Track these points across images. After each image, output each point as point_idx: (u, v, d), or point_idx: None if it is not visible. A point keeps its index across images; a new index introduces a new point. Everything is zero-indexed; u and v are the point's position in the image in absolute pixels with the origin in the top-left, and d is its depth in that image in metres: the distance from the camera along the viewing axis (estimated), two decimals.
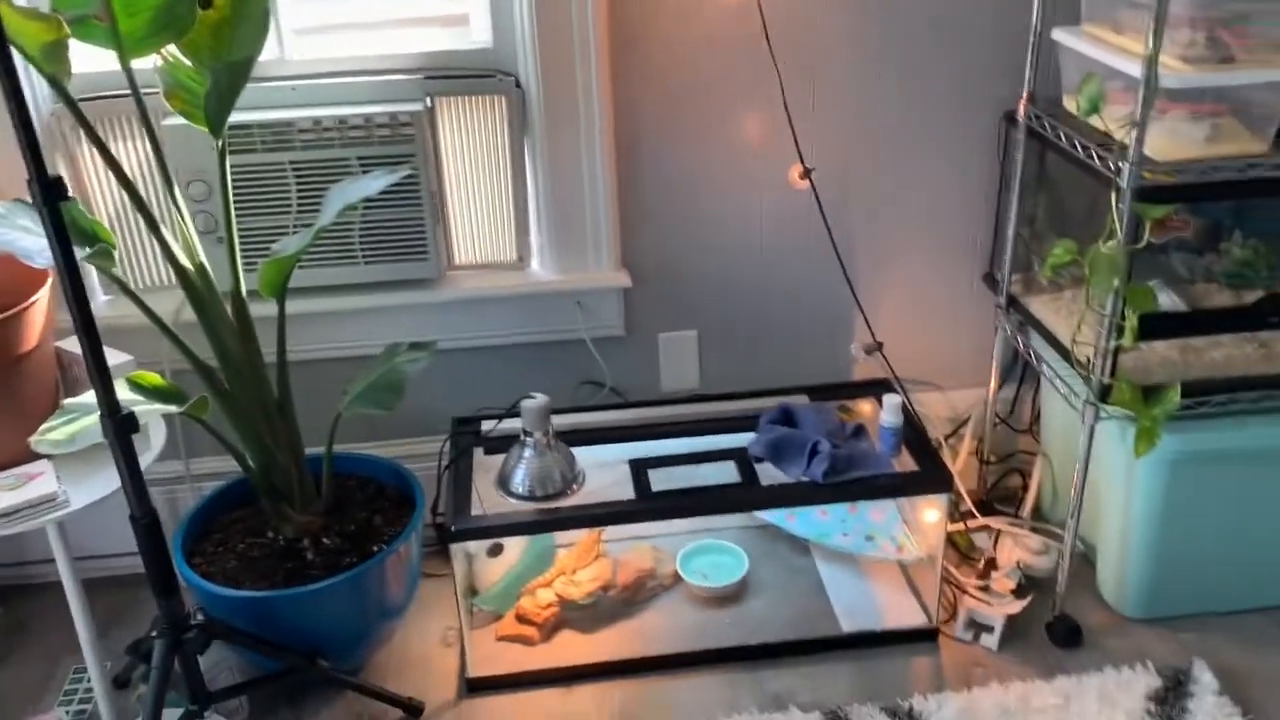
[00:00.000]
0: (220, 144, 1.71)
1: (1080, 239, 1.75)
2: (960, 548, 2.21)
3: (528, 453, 1.92)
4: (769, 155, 2.11)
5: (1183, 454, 1.84)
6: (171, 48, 1.65)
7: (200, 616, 1.69)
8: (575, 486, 1.95)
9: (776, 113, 2.06)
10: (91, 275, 2.07)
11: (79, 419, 1.58)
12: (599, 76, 1.98)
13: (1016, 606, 2.00)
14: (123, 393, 1.62)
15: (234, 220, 1.77)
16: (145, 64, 1.65)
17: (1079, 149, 1.78)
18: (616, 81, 2.02)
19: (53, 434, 1.56)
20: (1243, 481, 1.90)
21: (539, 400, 1.89)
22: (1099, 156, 1.71)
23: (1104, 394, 1.79)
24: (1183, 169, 1.65)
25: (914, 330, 2.31)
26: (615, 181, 2.08)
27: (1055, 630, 2.00)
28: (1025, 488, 2.31)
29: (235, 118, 1.90)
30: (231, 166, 1.93)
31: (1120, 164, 1.63)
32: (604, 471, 2.00)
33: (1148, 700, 1.85)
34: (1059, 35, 1.89)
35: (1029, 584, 2.08)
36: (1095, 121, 1.69)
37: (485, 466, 2.02)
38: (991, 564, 2.12)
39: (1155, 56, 1.53)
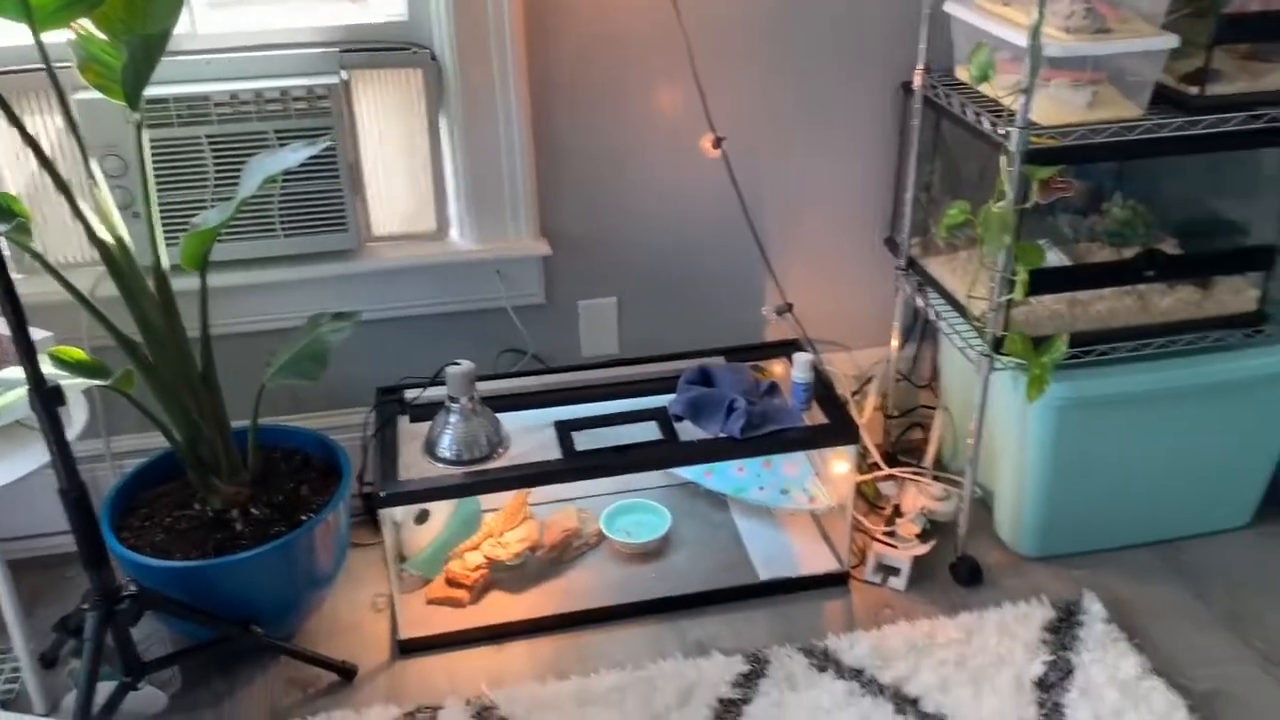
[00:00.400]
0: (138, 118, 1.71)
1: (974, 201, 1.86)
2: (869, 498, 2.33)
3: (454, 418, 1.97)
4: (682, 125, 2.18)
5: (1069, 400, 1.97)
6: (85, 21, 1.65)
7: (133, 588, 1.71)
8: (501, 450, 2.01)
9: (689, 84, 2.13)
10: (2, 248, 2.05)
11: (3, 394, 1.59)
12: (514, 48, 2.03)
13: (921, 549, 2.13)
14: (45, 368, 1.62)
15: (153, 193, 1.77)
16: (59, 37, 1.65)
17: (971, 116, 1.89)
18: (531, 53, 2.07)
19: None
20: (1125, 424, 2.04)
21: (464, 366, 1.94)
22: (990, 123, 1.82)
23: (997, 346, 1.91)
24: (1066, 133, 1.77)
25: (821, 293, 2.41)
26: (532, 152, 2.13)
27: (958, 570, 2.13)
28: (927, 440, 2.44)
29: (150, 91, 1.89)
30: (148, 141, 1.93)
31: (1009, 129, 1.74)
32: (530, 435, 2.06)
33: (1043, 631, 1.99)
34: (950, 8, 1.99)
35: (933, 529, 2.21)
36: (985, 89, 1.80)
37: (411, 434, 2.07)
38: (897, 511, 2.24)
39: (1039, 27, 1.64)
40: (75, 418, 1.89)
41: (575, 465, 1.95)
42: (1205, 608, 2.07)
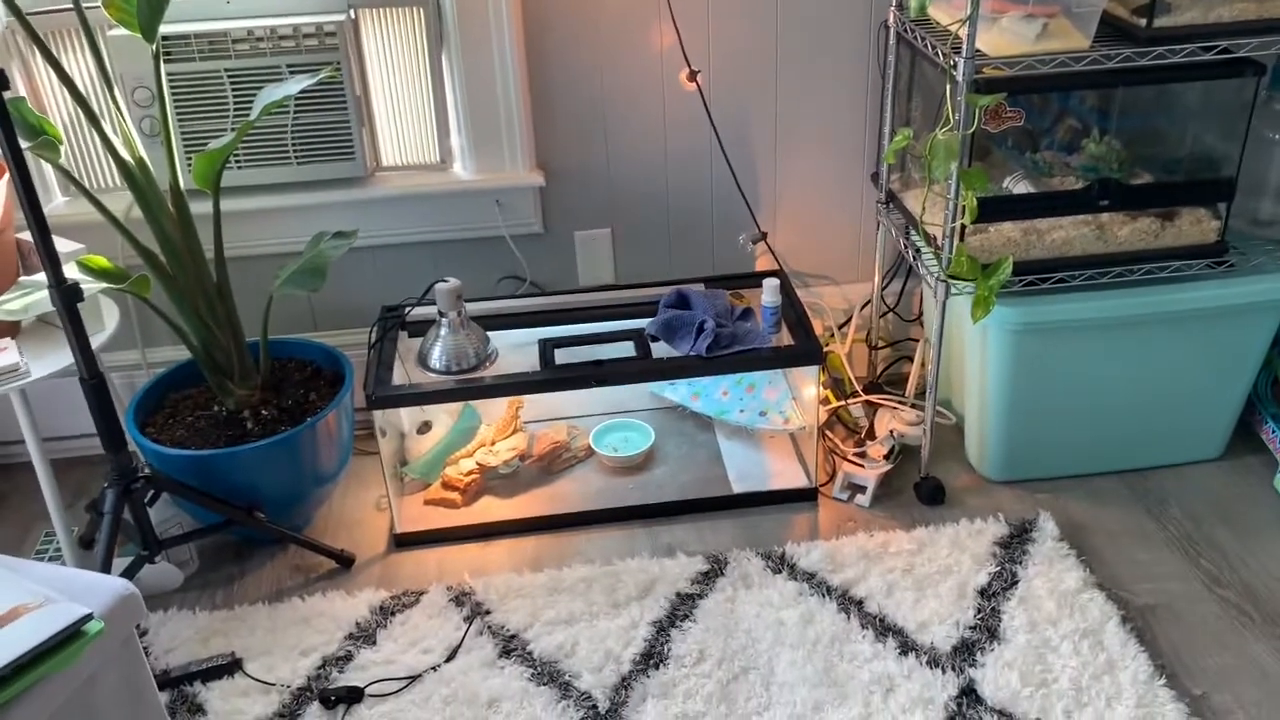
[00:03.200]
0: (155, 49, 1.90)
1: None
2: (847, 423, 2.44)
3: (443, 332, 2.14)
4: (668, 61, 2.30)
5: (1025, 325, 2.05)
6: None
7: (147, 470, 1.92)
8: (489, 363, 2.17)
9: (671, 21, 2.25)
10: (50, 178, 2.28)
11: (32, 292, 1.80)
12: None
13: (885, 468, 2.23)
14: (73, 273, 1.83)
15: (171, 121, 1.96)
16: None
17: (930, 49, 1.97)
18: None
19: (8, 304, 1.78)
20: (1085, 351, 2.11)
21: (450, 283, 2.11)
22: (943, 54, 1.90)
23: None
24: (1012, 63, 1.84)
25: (810, 227, 2.51)
26: (527, 87, 2.27)
27: (921, 489, 2.24)
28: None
29: (174, 28, 2.10)
30: (172, 74, 2.13)
31: (956, 59, 1.83)
32: (518, 352, 2.22)
33: (994, 545, 2.09)
34: None
35: (904, 452, 2.31)
36: (940, 18, 1.88)
37: (410, 349, 2.24)
38: (870, 434, 2.34)
39: None
40: (106, 322, 2.12)
41: (550, 377, 2.10)
42: (1159, 529, 2.14)
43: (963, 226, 1.95)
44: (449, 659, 1.89)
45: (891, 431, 2.30)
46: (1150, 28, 1.85)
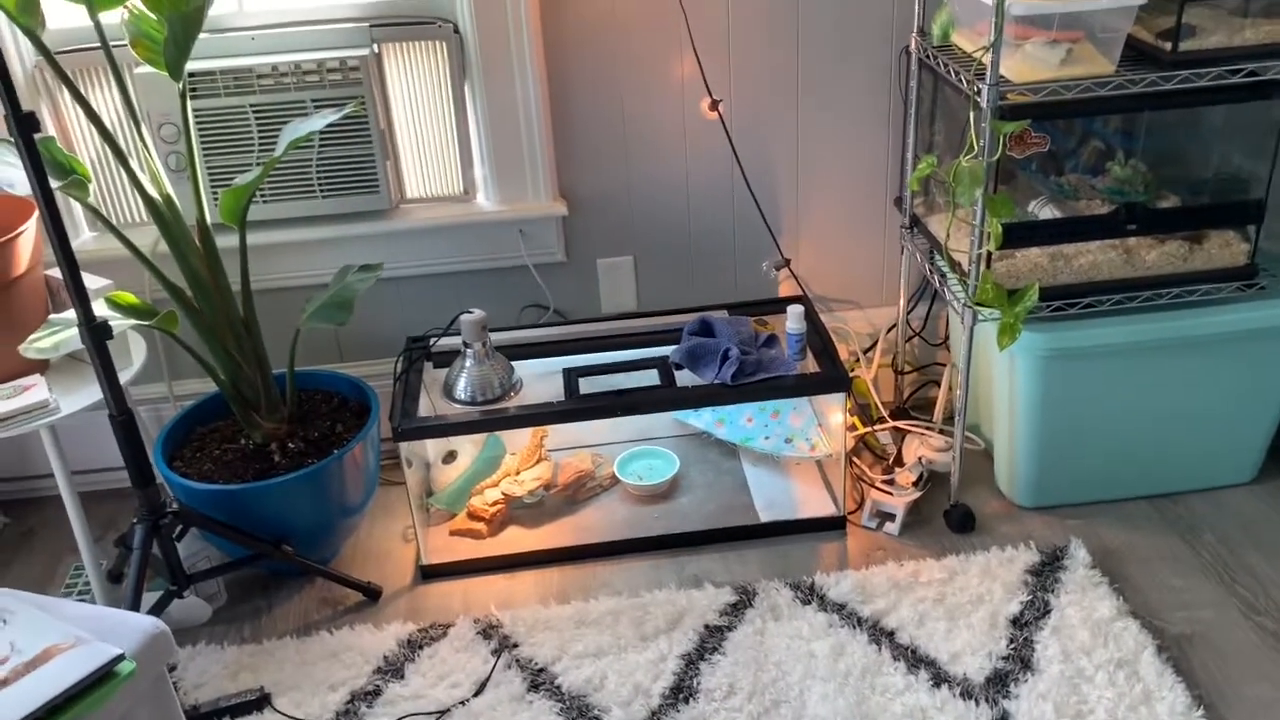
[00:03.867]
0: (181, 87, 1.92)
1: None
2: (875, 450, 2.42)
3: (468, 363, 2.14)
4: (690, 90, 2.30)
5: (1054, 351, 2.03)
6: (135, 1, 1.86)
7: (175, 505, 1.93)
8: (513, 393, 2.17)
9: (691, 51, 2.25)
10: (78, 213, 2.30)
11: (61, 330, 1.81)
12: (529, 21, 2.17)
13: (914, 495, 2.22)
14: (102, 310, 1.85)
15: (197, 156, 1.98)
16: (114, 17, 1.86)
17: (953, 75, 1.97)
18: (546, 25, 2.21)
19: (39, 343, 1.79)
20: (1115, 377, 2.09)
21: (475, 314, 2.11)
22: (966, 81, 1.89)
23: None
24: (1036, 89, 1.83)
25: (835, 252, 2.50)
26: (549, 118, 2.28)
27: (951, 517, 2.22)
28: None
29: (200, 65, 2.12)
30: (198, 110, 2.15)
31: (980, 85, 1.82)
32: (542, 381, 2.22)
33: (1025, 574, 2.06)
34: None
35: (932, 479, 2.29)
36: (963, 44, 1.87)
37: (435, 379, 2.25)
38: (898, 461, 2.33)
39: None
40: (135, 357, 2.13)
41: (575, 407, 2.09)
42: (1193, 555, 2.11)
43: (988, 253, 1.94)
44: (477, 693, 1.88)
45: (920, 458, 2.28)
46: (1175, 52, 1.84)
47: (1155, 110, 1.92)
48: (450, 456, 2.40)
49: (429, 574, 2.19)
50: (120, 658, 1.35)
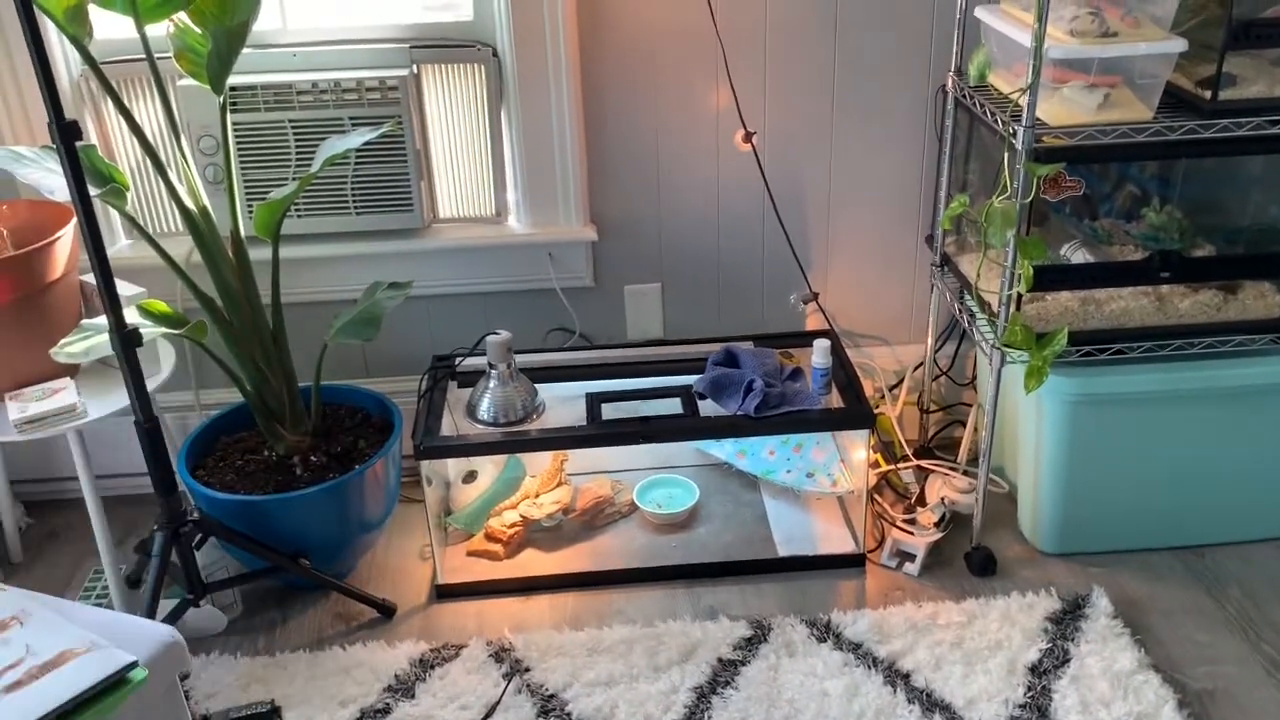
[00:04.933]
0: (222, 100, 1.94)
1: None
2: (897, 488, 2.41)
3: (492, 384, 2.15)
4: (724, 122, 2.31)
5: (1082, 396, 2.01)
6: (182, 15, 1.89)
7: (196, 514, 1.94)
8: (536, 415, 2.17)
9: (726, 82, 2.26)
10: (115, 220, 2.33)
11: (92, 336, 1.83)
12: (567, 49, 2.19)
13: (935, 536, 2.19)
14: (133, 317, 1.87)
15: (234, 169, 2.00)
16: (160, 30, 1.89)
17: (989, 116, 1.96)
18: (584, 53, 2.23)
19: (70, 347, 1.81)
20: (1143, 425, 2.07)
21: (501, 336, 2.12)
22: (1002, 122, 1.89)
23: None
24: (1073, 133, 1.82)
25: (863, 287, 2.49)
26: (583, 144, 2.29)
27: (972, 559, 2.19)
28: None
29: (241, 79, 2.15)
30: (237, 124, 2.18)
31: (1015, 127, 1.82)
32: (565, 405, 2.22)
33: (1045, 621, 2.03)
34: (980, 14, 2.07)
35: (955, 520, 2.27)
36: (1000, 85, 1.87)
37: (459, 398, 2.25)
38: (921, 500, 2.31)
39: (1042, 30, 1.71)
40: (163, 365, 2.15)
41: (597, 432, 2.09)
42: (1218, 609, 2.08)
43: (1019, 295, 1.93)
44: (486, 717, 1.87)
45: (943, 499, 2.26)
46: (1215, 100, 1.83)
47: (1192, 158, 1.91)
48: (470, 476, 2.40)
49: (444, 593, 2.19)
50: (133, 665, 1.36)
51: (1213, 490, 2.16)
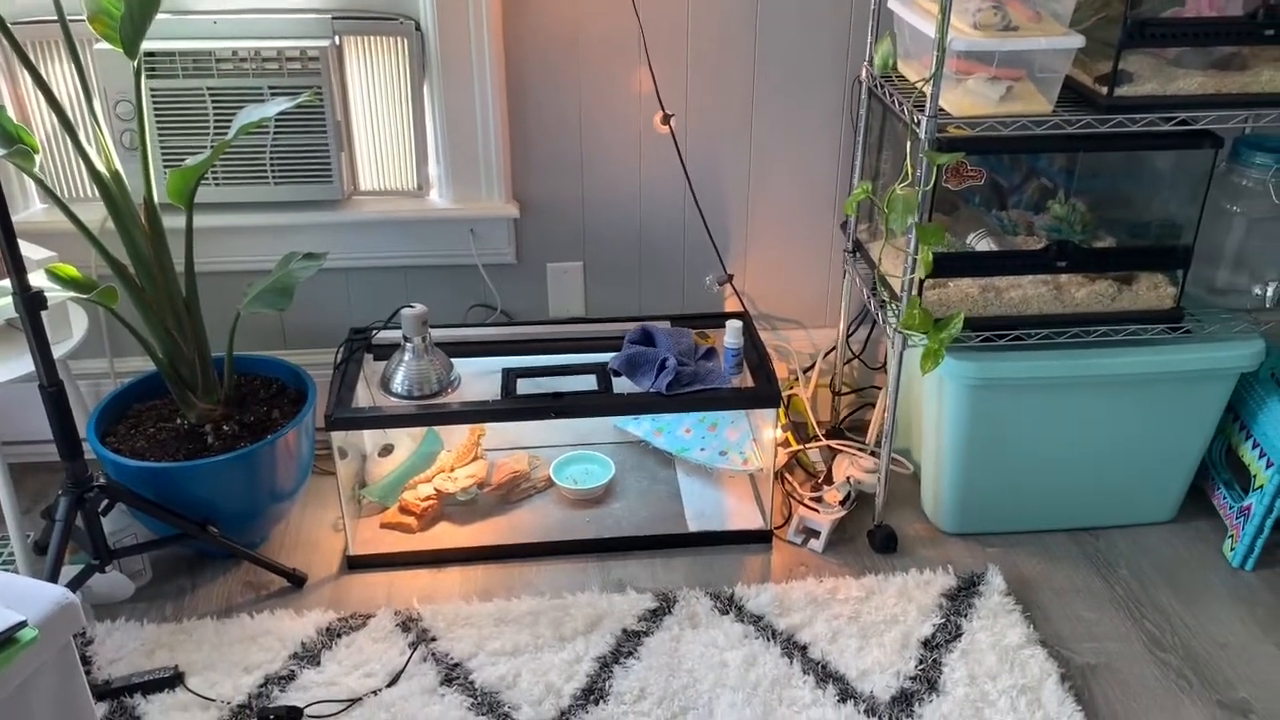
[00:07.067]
0: (136, 65, 1.93)
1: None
2: (807, 467, 2.46)
3: (407, 357, 2.16)
4: (647, 105, 2.33)
5: (981, 380, 2.08)
6: None
7: (102, 479, 1.93)
8: (451, 389, 2.19)
9: (646, 66, 2.29)
10: (30, 186, 2.30)
11: None
12: (490, 24, 2.20)
13: (840, 514, 2.25)
14: (41, 281, 1.86)
15: (150, 135, 1.99)
16: None
17: (897, 105, 2.01)
18: (508, 31, 2.24)
19: None
20: (1040, 409, 2.14)
21: (416, 309, 2.13)
22: (908, 111, 1.94)
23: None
24: (975, 124, 1.88)
25: (780, 271, 2.54)
26: (506, 121, 2.31)
27: (874, 537, 2.25)
28: None
29: (160, 45, 2.14)
30: (156, 90, 2.16)
31: (920, 117, 1.87)
32: (481, 380, 2.24)
33: (940, 597, 2.10)
34: (893, 4, 2.11)
35: (860, 499, 2.33)
36: (910, 75, 1.92)
37: (375, 371, 2.26)
38: (828, 479, 2.36)
39: (945, 22, 1.76)
40: (75, 330, 2.14)
41: (509, 407, 2.12)
42: (1106, 588, 2.16)
43: (920, 280, 1.98)
44: (390, 684, 1.89)
45: (849, 478, 2.32)
46: (1111, 96, 1.89)
47: (1089, 152, 1.97)
48: (387, 450, 2.41)
49: (355, 564, 2.20)
50: (22, 624, 1.36)
51: (1106, 474, 2.24)
